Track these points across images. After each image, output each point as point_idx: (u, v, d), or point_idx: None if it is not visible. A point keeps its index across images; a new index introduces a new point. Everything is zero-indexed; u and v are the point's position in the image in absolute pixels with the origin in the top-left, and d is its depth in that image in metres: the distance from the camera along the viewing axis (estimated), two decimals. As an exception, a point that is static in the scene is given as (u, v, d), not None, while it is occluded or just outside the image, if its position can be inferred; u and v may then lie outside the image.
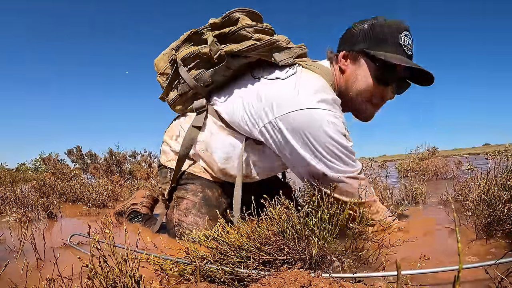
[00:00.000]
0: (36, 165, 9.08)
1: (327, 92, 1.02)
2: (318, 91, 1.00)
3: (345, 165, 1.00)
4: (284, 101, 0.99)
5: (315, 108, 0.96)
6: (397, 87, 1.09)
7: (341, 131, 0.98)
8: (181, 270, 0.72)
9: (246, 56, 1.09)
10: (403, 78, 1.09)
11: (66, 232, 1.35)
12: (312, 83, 1.03)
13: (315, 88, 1.01)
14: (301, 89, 1.00)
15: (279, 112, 0.99)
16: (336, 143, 0.97)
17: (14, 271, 0.85)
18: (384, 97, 1.10)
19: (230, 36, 1.09)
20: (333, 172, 0.99)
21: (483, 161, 3.30)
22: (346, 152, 0.99)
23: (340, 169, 0.99)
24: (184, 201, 1.19)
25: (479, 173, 1.28)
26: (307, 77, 1.05)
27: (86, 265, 0.55)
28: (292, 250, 0.69)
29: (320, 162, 0.98)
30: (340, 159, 0.99)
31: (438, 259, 0.78)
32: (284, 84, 1.04)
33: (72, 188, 2.61)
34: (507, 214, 0.91)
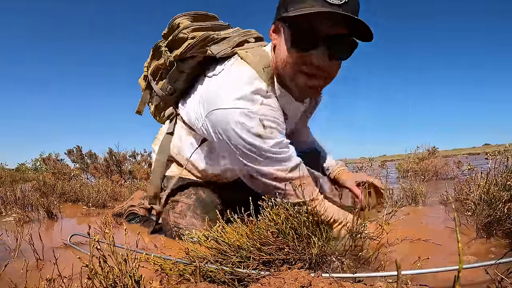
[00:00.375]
0: (36, 165, 9.08)
1: (249, 85, 0.94)
2: (238, 87, 0.94)
3: (263, 165, 0.94)
4: (210, 99, 0.97)
5: (228, 108, 0.91)
6: (329, 48, 0.86)
7: (253, 130, 0.90)
8: (181, 270, 0.72)
9: (192, 56, 1.11)
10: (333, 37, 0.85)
11: (66, 232, 1.35)
12: (236, 78, 0.97)
13: (236, 83, 0.95)
14: (224, 86, 0.97)
15: (206, 110, 0.98)
16: (247, 145, 0.91)
17: (14, 271, 0.85)
18: (313, 64, 0.88)
19: (175, 42, 1.12)
20: (253, 172, 0.96)
21: (483, 161, 3.30)
22: (261, 152, 0.92)
23: (257, 168, 0.94)
24: (179, 204, 1.22)
25: (479, 173, 1.28)
26: (234, 71, 1.00)
27: (86, 265, 0.55)
28: (292, 250, 0.69)
29: (242, 160, 0.96)
30: (256, 160, 0.93)
31: (438, 259, 0.78)
32: (215, 80, 1.03)
33: (72, 188, 2.61)
34: (507, 214, 0.91)
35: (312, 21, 0.83)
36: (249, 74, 0.97)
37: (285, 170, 0.95)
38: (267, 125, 0.92)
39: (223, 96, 0.93)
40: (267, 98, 0.95)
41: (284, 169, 0.95)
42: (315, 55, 0.87)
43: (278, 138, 0.94)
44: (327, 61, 0.88)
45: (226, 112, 0.91)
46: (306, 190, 0.95)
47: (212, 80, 1.05)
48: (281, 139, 0.95)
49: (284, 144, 0.96)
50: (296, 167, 0.98)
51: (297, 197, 0.95)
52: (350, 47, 0.89)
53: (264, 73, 0.99)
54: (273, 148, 0.93)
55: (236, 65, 1.02)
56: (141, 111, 1.35)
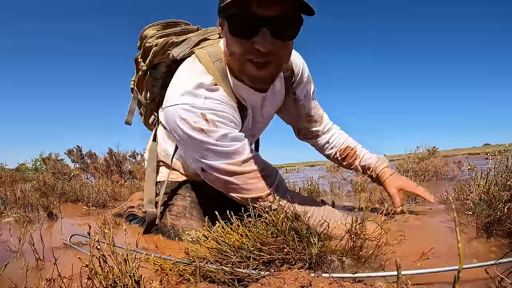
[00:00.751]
0: (36, 165, 9.08)
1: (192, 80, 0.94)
2: (182, 83, 0.95)
3: (212, 160, 0.92)
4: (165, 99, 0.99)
5: (173, 104, 0.92)
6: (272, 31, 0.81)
7: (195, 125, 0.89)
8: (181, 270, 0.72)
9: (160, 63, 1.18)
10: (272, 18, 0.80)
11: (66, 232, 1.35)
12: (183, 76, 0.99)
13: (182, 80, 0.97)
14: (172, 84, 0.99)
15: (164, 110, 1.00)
16: (192, 140, 0.91)
17: (14, 271, 0.85)
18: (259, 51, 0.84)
19: (145, 52, 1.19)
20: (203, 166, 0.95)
21: (483, 161, 3.30)
22: (206, 147, 0.91)
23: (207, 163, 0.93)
24: (175, 207, 1.24)
25: (479, 173, 1.28)
26: (183, 69, 1.01)
27: (86, 265, 0.55)
28: (292, 250, 0.69)
29: (193, 157, 0.97)
30: (203, 154, 0.93)
31: (438, 259, 0.78)
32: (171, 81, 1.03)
33: (72, 188, 2.61)
34: (507, 214, 0.91)
35: (247, 7, 0.79)
36: (196, 70, 0.97)
37: (236, 163, 0.92)
38: (210, 118, 0.90)
39: (170, 94, 0.95)
40: (211, 91, 0.94)
41: (234, 162, 0.92)
42: (259, 42, 0.82)
43: (224, 131, 0.91)
44: (274, 44, 0.83)
45: (171, 109, 0.92)
46: (260, 184, 0.94)
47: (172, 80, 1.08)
48: (228, 131, 0.92)
49: (232, 137, 0.92)
50: (249, 160, 0.94)
51: (253, 191, 0.93)
52: (294, 24, 0.84)
53: (213, 67, 0.97)
54: (219, 141, 0.90)
55: (187, 64, 1.03)
56: (129, 122, 1.40)
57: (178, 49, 1.09)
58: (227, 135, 0.91)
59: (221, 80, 0.97)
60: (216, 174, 0.94)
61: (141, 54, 1.22)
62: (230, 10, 0.82)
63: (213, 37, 1.13)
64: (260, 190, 0.94)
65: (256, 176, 0.94)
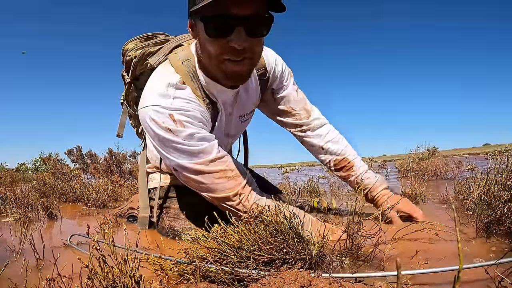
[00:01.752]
0: (36, 165, 9.07)
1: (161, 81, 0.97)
2: (153, 85, 0.99)
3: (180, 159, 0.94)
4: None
5: (144, 106, 0.96)
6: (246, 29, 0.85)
7: (163, 125, 0.92)
8: (181, 270, 0.72)
9: (141, 73, 1.24)
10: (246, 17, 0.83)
11: (66, 232, 1.35)
12: (154, 78, 1.02)
13: (153, 83, 1.00)
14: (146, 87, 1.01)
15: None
16: (161, 139, 0.94)
17: (14, 271, 0.85)
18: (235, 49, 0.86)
19: (127, 65, 1.27)
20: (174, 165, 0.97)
21: (483, 161, 3.30)
22: (173, 146, 0.93)
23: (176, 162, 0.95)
24: (171, 209, 1.26)
25: (479, 173, 1.28)
26: (155, 73, 1.05)
27: (86, 265, 0.55)
28: (291, 250, 0.69)
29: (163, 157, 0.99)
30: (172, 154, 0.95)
31: (438, 259, 0.78)
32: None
33: (72, 188, 2.61)
34: (507, 214, 0.91)
35: (220, 7, 0.82)
36: (166, 72, 1.01)
37: (203, 163, 0.94)
38: (178, 119, 0.92)
39: (142, 96, 1.00)
40: (179, 89, 0.96)
41: (202, 162, 0.93)
42: (234, 40, 0.85)
43: (190, 130, 0.93)
44: (248, 41, 0.86)
45: (143, 111, 0.96)
46: (228, 184, 0.95)
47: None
48: (195, 131, 0.93)
49: (200, 137, 0.94)
50: (216, 160, 0.95)
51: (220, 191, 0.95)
52: (267, 22, 0.88)
53: (182, 67, 1.00)
54: (186, 140, 0.92)
55: (159, 68, 1.07)
56: (120, 135, 1.47)
57: (154, 57, 1.16)
58: (194, 134, 0.93)
59: (189, 79, 0.99)
60: (185, 173, 0.96)
61: (125, 68, 1.30)
62: (206, 12, 0.83)
63: (186, 42, 1.17)
64: (228, 190, 0.95)
65: (224, 176, 0.95)
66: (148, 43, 1.21)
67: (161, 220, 1.27)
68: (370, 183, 1.26)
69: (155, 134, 0.94)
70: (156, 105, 0.93)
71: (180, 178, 1.02)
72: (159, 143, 0.95)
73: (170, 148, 0.94)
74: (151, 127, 0.94)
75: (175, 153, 0.94)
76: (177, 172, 0.99)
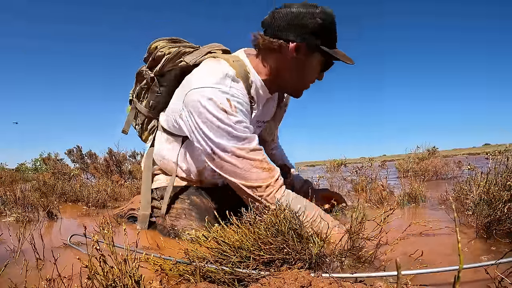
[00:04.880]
0: (36, 165, 9.07)
1: (217, 72, 1.04)
2: (208, 72, 1.06)
3: (224, 139, 0.98)
4: (184, 89, 1.08)
5: (199, 87, 1.01)
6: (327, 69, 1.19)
7: (220, 105, 0.97)
8: (181, 270, 0.72)
9: (169, 70, 1.28)
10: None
11: (66, 232, 1.35)
12: (206, 68, 1.10)
13: (206, 70, 1.08)
14: (196, 75, 1.09)
15: (181, 101, 1.08)
16: (212, 117, 0.97)
17: (14, 271, 0.85)
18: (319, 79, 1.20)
19: (154, 62, 1.29)
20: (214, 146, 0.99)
21: (483, 161, 3.30)
22: (223, 125, 0.97)
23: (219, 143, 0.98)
24: (173, 209, 1.26)
25: (479, 173, 1.28)
26: (205, 64, 1.14)
27: (85, 265, 0.55)
28: (291, 250, 0.69)
29: (204, 138, 1.00)
30: (218, 133, 0.98)
31: (438, 259, 0.78)
32: (187, 77, 1.14)
33: (72, 188, 2.60)
34: (507, 214, 0.91)
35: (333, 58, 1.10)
36: (220, 63, 1.10)
37: (245, 149, 0.99)
38: (233, 104, 1.00)
39: (194, 79, 1.05)
40: (234, 81, 1.05)
41: (244, 147, 0.98)
42: (323, 74, 1.19)
43: (241, 118, 1.00)
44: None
45: (198, 91, 1.00)
46: (262, 174, 0.99)
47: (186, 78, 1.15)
48: (244, 119, 1.02)
49: (246, 126, 1.01)
50: (256, 150, 1.01)
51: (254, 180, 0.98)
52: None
53: (236, 65, 1.10)
54: (236, 125, 0.98)
55: (209, 60, 1.15)
56: (126, 131, 1.48)
57: (190, 56, 1.21)
58: (242, 122, 1.00)
59: (241, 77, 1.09)
60: (225, 155, 0.98)
61: (149, 65, 1.32)
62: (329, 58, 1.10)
63: (218, 51, 1.25)
64: (261, 180, 0.98)
65: (260, 166, 0.99)
66: (178, 44, 1.27)
67: (163, 219, 1.26)
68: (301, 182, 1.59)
69: (207, 112, 0.97)
70: (214, 87, 0.99)
71: (213, 163, 1.02)
72: (207, 123, 0.98)
73: (220, 129, 0.97)
74: (205, 105, 0.97)
75: (222, 134, 0.98)
76: (212, 156, 1.00)
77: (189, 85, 1.05)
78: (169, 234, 1.22)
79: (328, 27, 1.05)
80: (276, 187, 0.99)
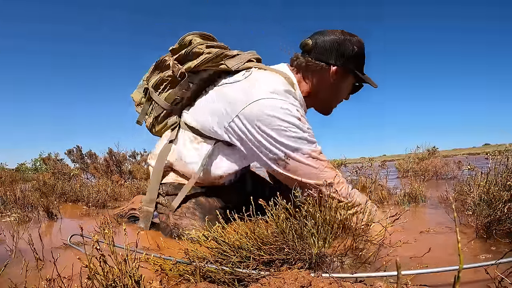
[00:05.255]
0: (36, 165, 9.06)
1: (280, 85, 1.11)
2: (270, 84, 1.10)
3: (300, 144, 1.04)
4: (241, 98, 1.09)
5: (266, 98, 1.05)
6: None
7: (292, 114, 1.05)
8: (181, 270, 0.72)
9: (204, 70, 1.25)
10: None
11: (66, 232, 1.35)
12: (266, 79, 1.14)
13: (268, 82, 1.11)
14: (256, 84, 1.11)
15: (237, 109, 1.08)
16: (288, 123, 1.03)
17: (14, 271, 0.85)
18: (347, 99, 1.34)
19: (187, 56, 1.26)
20: (291, 151, 1.04)
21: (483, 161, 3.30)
22: (299, 131, 1.04)
23: (296, 147, 1.04)
24: (179, 208, 1.24)
25: (479, 173, 1.28)
26: (261, 74, 1.17)
27: (86, 265, 0.55)
28: (291, 250, 0.69)
29: (277, 144, 1.04)
30: (294, 138, 1.03)
31: (438, 259, 0.78)
32: (242, 84, 1.15)
33: (72, 188, 2.60)
34: (507, 214, 0.91)
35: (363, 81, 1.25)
36: (276, 78, 1.16)
37: (317, 151, 1.08)
38: (301, 113, 1.09)
39: (255, 92, 1.07)
40: (295, 96, 1.14)
41: (316, 150, 1.07)
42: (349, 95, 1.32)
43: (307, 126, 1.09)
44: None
45: (267, 101, 1.05)
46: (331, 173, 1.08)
47: (233, 85, 1.17)
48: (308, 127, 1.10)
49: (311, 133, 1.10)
50: (322, 153, 1.10)
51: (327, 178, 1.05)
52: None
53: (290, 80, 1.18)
54: (308, 130, 1.08)
55: (261, 72, 1.18)
56: (141, 122, 1.45)
57: (232, 61, 1.22)
58: (310, 128, 1.10)
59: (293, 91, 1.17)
60: (301, 157, 1.05)
61: (178, 57, 1.28)
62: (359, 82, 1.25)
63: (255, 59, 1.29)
64: (333, 178, 1.07)
65: (329, 166, 1.09)
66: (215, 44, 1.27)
67: (166, 217, 1.26)
68: None
69: (281, 121, 1.03)
70: (284, 99, 1.06)
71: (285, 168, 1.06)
72: (280, 130, 1.03)
73: (296, 135, 1.04)
74: (278, 115, 1.03)
75: (298, 139, 1.04)
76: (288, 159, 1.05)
77: (251, 95, 1.07)
78: (171, 234, 1.22)
79: (361, 54, 1.20)
80: (345, 183, 1.09)
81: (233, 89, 1.15)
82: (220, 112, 1.14)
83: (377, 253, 0.77)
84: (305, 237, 0.72)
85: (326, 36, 1.18)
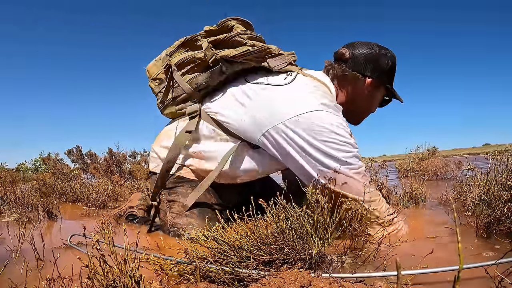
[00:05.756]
0: (36, 165, 9.06)
1: (329, 98, 1.10)
2: (320, 95, 1.08)
3: (351, 159, 1.02)
4: (289, 106, 1.05)
5: (319, 110, 1.03)
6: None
7: (345, 129, 1.04)
8: (181, 270, 0.72)
9: (242, 62, 1.15)
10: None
11: (66, 232, 1.35)
12: (314, 88, 1.11)
13: (317, 92, 1.09)
14: (304, 94, 1.08)
15: (283, 117, 1.04)
16: (342, 138, 1.02)
17: (14, 271, 0.85)
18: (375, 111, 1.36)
19: (225, 42, 1.16)
20: (341, 165, 1.01)
21: (483, 161, 3.30)
22: (350, 148, 1.03)
23: (347, 161, 1.02)
24: (176, 204, 1.22)
25: (479, 173, 1.28)
26: (308, 82, 1.13)
27: (86, 265, 0.55)
28: (291, 250, 0.69)
29: (328, 157, 1.01)
30: (347, 153, 1.02)
31: (438, 259, 0.78)
32: (287, 89, 1.10)
33: (72, 188, 2.60)
34: (507, 214, 0.91)
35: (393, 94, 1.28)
36: (324, 89, 1.15)
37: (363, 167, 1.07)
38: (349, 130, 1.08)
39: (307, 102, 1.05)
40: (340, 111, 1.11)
41: (363, 166, 1.07)
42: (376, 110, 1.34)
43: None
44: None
45: (318, 114, 1.02)
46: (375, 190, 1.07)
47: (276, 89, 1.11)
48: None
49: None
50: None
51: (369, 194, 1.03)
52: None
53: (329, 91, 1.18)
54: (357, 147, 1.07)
55: (308, 80, 1.15)
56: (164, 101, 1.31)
57: (274, 61, 1.17)
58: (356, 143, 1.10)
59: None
60: (351, 172, 1.02)
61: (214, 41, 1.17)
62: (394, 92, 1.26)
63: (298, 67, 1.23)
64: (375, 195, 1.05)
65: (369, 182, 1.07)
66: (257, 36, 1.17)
67: (164, 214, 1.24)
68: None
69: (336, 135, 1.01)
70: (335, 114, 1.06)
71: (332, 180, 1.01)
72: (334, 143, 1.01)
73: (347, 149, 1.02)
74: (332, 128, 1.01)
75: (351, 155, 1.03)
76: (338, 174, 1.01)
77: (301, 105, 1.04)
78: (169, 232, 1.21)
79: (394, 68, 1.23)
80: (384, 201, 1.07)
81: (277, 94, 1.10)
82: (260, 116, 1.08)
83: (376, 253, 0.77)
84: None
85: (362, 48, 1.19)
